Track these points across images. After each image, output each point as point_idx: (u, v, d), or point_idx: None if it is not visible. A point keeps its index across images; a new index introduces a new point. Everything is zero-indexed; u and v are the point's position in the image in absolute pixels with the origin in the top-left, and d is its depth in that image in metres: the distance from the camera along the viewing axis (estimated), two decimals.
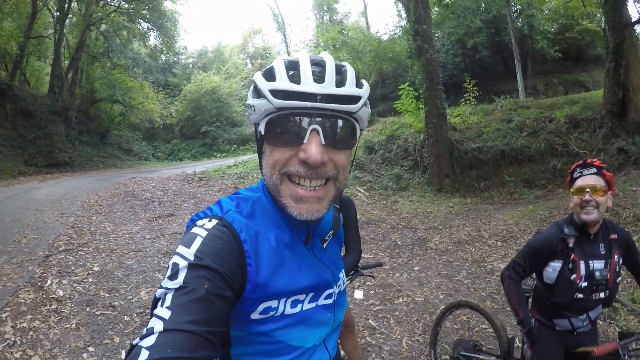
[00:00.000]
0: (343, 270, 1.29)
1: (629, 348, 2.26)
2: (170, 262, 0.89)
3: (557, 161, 12.96)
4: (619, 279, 2.42)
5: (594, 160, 2.40)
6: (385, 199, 12.74)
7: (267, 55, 49.78)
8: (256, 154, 1.18)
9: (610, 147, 12.20)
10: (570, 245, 2.33)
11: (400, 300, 5.53)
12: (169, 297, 0.82)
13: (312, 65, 0.97)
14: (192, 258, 0.87)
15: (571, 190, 2.39)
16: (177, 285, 0.83)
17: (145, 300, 5.03)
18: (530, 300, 2.76)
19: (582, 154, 12.33)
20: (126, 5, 26.56)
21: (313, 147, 0.92)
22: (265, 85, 0.95)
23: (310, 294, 1.08)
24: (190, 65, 43.93)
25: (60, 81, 23.05)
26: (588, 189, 2.27)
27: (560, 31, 24.90)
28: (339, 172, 1.00)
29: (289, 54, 45.32)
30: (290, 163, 0.96)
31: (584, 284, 2.31)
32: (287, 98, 0.93)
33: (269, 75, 0.98)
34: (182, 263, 0.87)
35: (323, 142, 0.94)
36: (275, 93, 0.93)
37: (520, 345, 3.10)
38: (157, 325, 0.77)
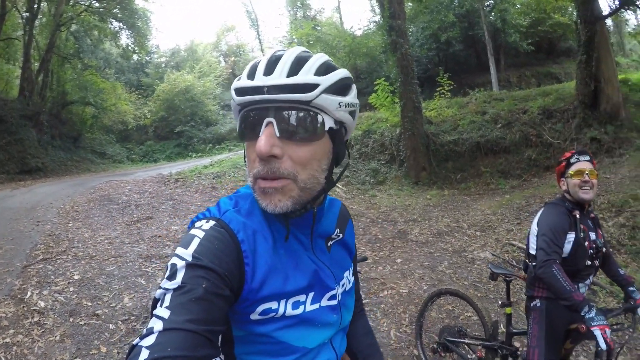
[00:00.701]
0: (350, 270, 1.27)
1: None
2: (169, 263, 0.90)
3: (531, 151, 13.18)
4: (604, 249, 2.74)
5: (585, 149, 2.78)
6: (363, 193, 12.81)
7: (241, 52, 49.53)
8: (232, 154, 1.17)
9: (583, 136, 12.44)
10: (578, 216, 2.64)
11: (385, 292, 5.58)
12: (167, 297, 0.82)
13: (272, 60, 0.97)
14: (189, 258, 0.88)
15: (570, 173, 2.72)
16: (176, 285, 0.83)
17: (129, 307, 4.94)
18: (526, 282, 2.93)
19: (555, 144, 12.58)
20: (97, 4, 25.91)
21: (262, 139, 0.91)
22: (232, 86, 0.99)
23: (311, 294, 1.07)
24: (163, 65, 43.38)
25: (30, 84, 22.42)
26: (587, 172, 2.64)
27: (533, 25, 25.29)
28: (297, 169, 0.96)
29: (262, 50, 45.33)
30: (255, 164, 0.96)
31: (591, 251, 2.63)
32: (243, 94, 0.95)
33: (240, 76, 1.01)
34: (180, 263, 0.87)
35: (277, 135, 0.93)
36: (237, 91, 0.97)
37: (504, 330, 3.17)
38: (157, 325, 0.77)
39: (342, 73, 1.01)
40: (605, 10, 13.56)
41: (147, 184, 13.64)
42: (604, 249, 2.72)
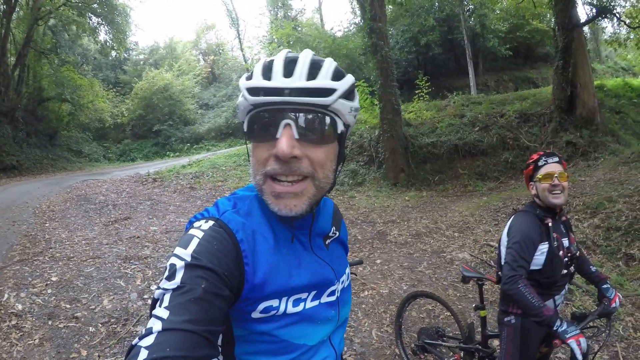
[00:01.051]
0: (348, 268, 1.30)
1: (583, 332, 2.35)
2: (168, 263, 0.90)
3: (508, 154, 13.39)
4: (577, 252, 2.63)
5: (554, 151, 2.62)
6: (342, 194, 12.82)
7: (220, 51, 49.16)
8: (210, 154, 1.19)
9: (559, 140, 12.71)
10: (550, 224, 2.49)
11: (366, 293, 5.61)
12: (166, 297, 0.83)
13: (287, 62, 1.00)
14: (188, 259, 0.88)
15: (538, 176, 2.54)
16: (175, 286, 0.84)
17: (109, 309, 4.87)
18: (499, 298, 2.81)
19: (532, 147, 12.78)
20: None
21: (283, 141, 0.94)
22: (244, 85, 1.00)
23: (313, 292, 1.09)
24: (142, 62, 42.65)
25: (6, 79, 21.83)
26: (556, 175, 2.46)
27: (511, 30, 25.78)
28: (315, 169, 1.00)
29: (242, 50, 45.01)
30: (269, 162, 0.98)
31: (566, 259, 2.49)
32: (259, 94, 0.96)
33: (250, 75, 1.02)
34: (179, 264, 0.88)
35: (296, 136, 0.96)
36: (251, 91, 0.98)
37: (480, 330, 3.17)
38: (156, 325, 0.77)
39: (351, 79, 1.05)
40: (583, 18, 13.98)
41: (124, 184, 13.50)
42: (577, 253, 2.63)
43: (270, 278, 0.99)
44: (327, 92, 0.98)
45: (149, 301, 5.04)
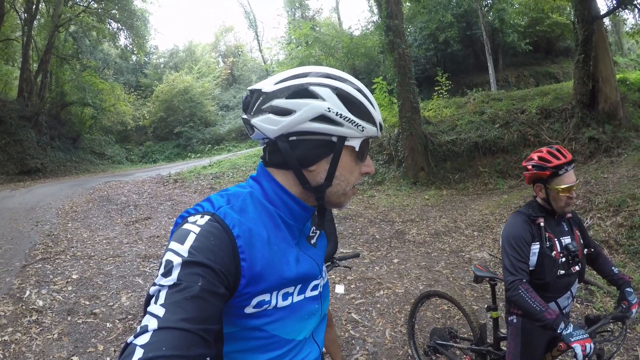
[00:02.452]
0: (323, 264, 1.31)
1: (595, 336, 2.30)
2: (164, 259, 0.89)
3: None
4: (585, 250, 2.54)
5: (566, 151, 2.45)
6: (361, 193, 12.79)
7: (239, 53, 49.42)
8: (231, 154, 1.22)
9: (581, 136, 12.48)
10: (542, 224, 2.41)
11: (381, 292, 5.59)
12: (162, 294, 0.82)
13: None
14: (186, 255, 0.87)
15: (557, 187, 2.38)
16: (171, 283, 0.83)
17: (127, 306, 4.96)
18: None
19: (554, 143, 12.57)
20: (95, 5, 25.81)
21: (371, 162, 1.17)
22: (377, 116, 1.10)
23: (299, 286, 1.09)
24: (162, 65, 43.24)
25: (29, 85, 22.39)
26: (575, 187, 2.38)
27: (531, 24, 25.39)
28: None
29: (261, 51, 45.33)
30: (357, 177, 1.14)
31: (563, 260, 2.39)
32: (379, 128, 1.12)
33: (367, 102, 1.08)
34: (176, 260, 0.86)
35: None
36: (379, 125, 1.11)
37: (492, 332, 3.13)
38: (151, 323, 0.76)
39: None
40: (603, 10, 13.66)
41: (146, 185, 13.68)
42: (586, 250, 2.54)
43: (265, 273, 0.99)
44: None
45: None
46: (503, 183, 12.62)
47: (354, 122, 1.04)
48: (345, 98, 1.03)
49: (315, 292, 1.16)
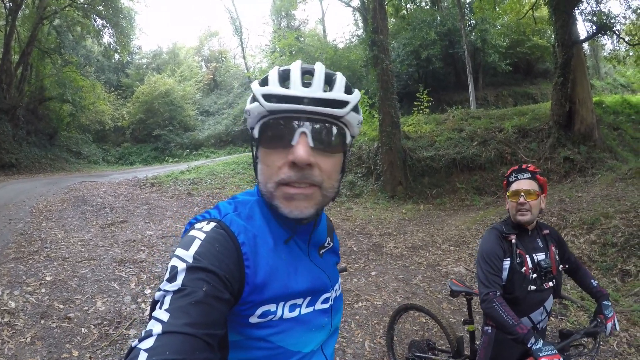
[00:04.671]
0: (339, 277, 1.31)
1: (568, 349, 2.36)
2: (169, 265, 0.91)
3: (506, 169, 13.26)
4: (561, 266, 2.60)
5: (529, 165, 2.59)
6: (339, 205, 12.82)
7: (223, 58, 49.19)
8: (209, 161, 1.21)
9: (557, 156, 12.79)
10: (513, 241, 2.49)
11: (360, 304, 5.61)
12: (167, 299, 0.83)
13: (302, 72, 1.03)
14: (190, 260, 0.89)
15: (507, 192, 2.58)
16: (176, 288, 0.84)
17: (102, 311, 4.84)
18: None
19: (530, 162, 12.81)
20: (81, 0, 25.35)
21: (300, 148, 0.96)
22: (258, 90, 1.00)
23: (308, 298, 1.10)
24: (144, 66, 42.71)
25: (8, 77, 21.80)
26: (522, 193, 2.47)
27: (512, 46, 25.98)
28: (324, 178, 1.02)
29: (244, 58, 45.17)
30: (282, 170, 0.99)
31: (534, 276, 2.45)
32: (277, 101, 0.98)
33: (263, 81, 1.03)
34: (181, 265, 0.88)
35: (311, 145, 0.98)
36: (267, 97, 0.99)
37: (469, 344, 3.18)
38: (156, 328, 0.78)
39: (359, 93, 1.08)
40: (583, 35, 14.14)
41: (122, 187, 13.48)
42: (561, 267, 2.60)
43: (270, 281, 1.00)
44: (341, 104, 1.01)
45: (142, 305, 5.04)
46: (479, 199, 12.81)
47: (246, 110, 1.05)
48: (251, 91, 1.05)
49: (326, 305, 1.16)
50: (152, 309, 0.85)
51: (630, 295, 5.38)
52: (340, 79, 1.06)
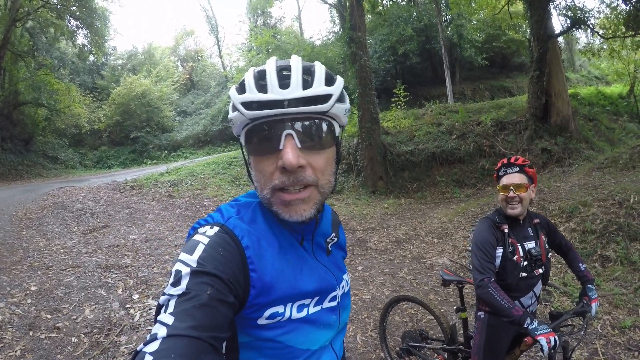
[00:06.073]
0: (347, 273, 1.31)
1: (558, 330, 2.45)
2: (173, 269, 0.91)
3: (485, 161, 13.65)
4: (549, 254, 2.74)
5: (518, 158, 2.66)
6: None
7: (199, 58, 48.74)
8: (188, 162, 1.20)
9: (534, 147, 13.03)
10: (506, 230, 2.60)
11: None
12: (172, 303, 0.84)
13: (278, 71, 0.99)
14: (194, 265, 0.89)
15: (497, 186, 2.68)
16: (180, 292, 0.85)
17: (91, 319, 4.76)
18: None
19: (508, 154, 13.01)
20: (55, 1, 24.58)
21: (288, 152, 0.95)
22: (237, 99, 0.99)
23: (316, 298, 1.10)
24: (120, 67, 41.97)
25: None
26: (512, 187, 2.56)
27: (487, 40, 26.31)
28: (318, 176, 1.01)
29: (221, 57, 44.93)
30: (275, 176, 0.98)
31: (525, 263, 2.58)
32: (257, 108, 0.96)
33: (241, 88, 1.01)
34: (185, 270, 0.88)
35: (299, 146, 0.97)
36: (247, 105, 0.97)
37: (462, 331, 3.25)
38: (161, 331, 0.78)
39: (342, 81, 1.07)
40: (557, 29, 14.41)
41: (102, 191, 13.30)
42: (550, 254, 2.74)
43: (276, 284, 1.00)
44: (324, 98, 0.99)
45: (131, 311, 5.01)
46: (460, 192, 12.98)
47: (229, 119, 1.04)
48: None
49: (334, 303, 1.17)
50: (157, 313, 0.85)
51: (610, 280, 5.53)
52: (319, 70, 1.03)
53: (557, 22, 25.79)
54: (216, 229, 1.01)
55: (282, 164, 0.95)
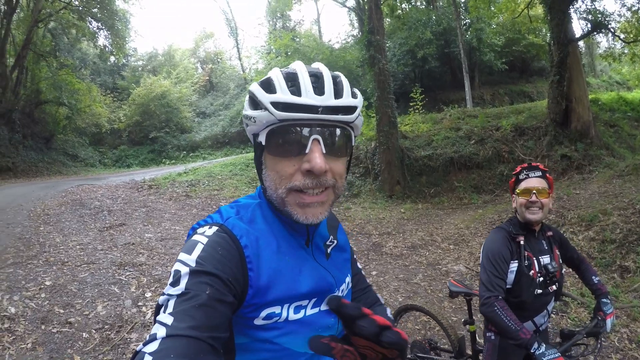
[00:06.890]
0: (349, 275, 1.29)
1: (570, 350, 2.35)
2: (172, 269, 0.91)
3: (503, 167, 13.47)
4: (563, 270, 2.58)
5: (538, 164, 2.53)
6: (337, 205, 12.79)
7: (219, 60, 49.10)
8: (206, 162, 1.19)
9: (554, 153, 12.82)
10: (522, 243, 2.44)
11: None
12: (171, 303, 0.84)
13: (310, 76, 1.00)
14: (193, 264, 0.90)
15: (517, 191, 2.51)
16: (179, 292, 0.85)
17: (103, 316, 4.81)
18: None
19: (527, 160, 12.83)
20: (77, 2, 25.07)
21: (317, 157, 0.96)
22: (266, 98, 0.98)
23: (314, 300, 1.09)
24: (140, 68, 42.49)
25: (4, 80, 21.64)
26: (534, 191, 2.41)
27: (507, 44, 26.07)
28: (336, 179, 1.04)
29: (240, 59, 45.15)
30: (295, 177, 0.99)
31: (541, 279, 2.41)
32: (289, 110, 0.96)
33: (268, 87, 1.00)
34: (184, 270, 0.89)
35: (324, 151, 0.98)
36: (277, 105, 0.96)
37: (470, 344, 3.17)
38: (160, 331, 0.78)
39: (361, 96, 1.09)
40: (578, 33, 14.21)
41: (120, 190, 13.44)
42: (564, 270, 2.58)
43: (274, 284, 1.00)
44: (351, 109, 1.02)
45: (143, 308, 5.02)
46: (478, 198, 12.83)
47: (249, 116, 1.03)
48: (249, 97, 1.06)
49: None
50: (157, 313, 0.85)
51: (629, 291, 5.39)
52: (345, 83, 1.05)
53: (578, 26, 25.56)
54: (215, 228, 1.01)
55: (308, 167, 0.97)
